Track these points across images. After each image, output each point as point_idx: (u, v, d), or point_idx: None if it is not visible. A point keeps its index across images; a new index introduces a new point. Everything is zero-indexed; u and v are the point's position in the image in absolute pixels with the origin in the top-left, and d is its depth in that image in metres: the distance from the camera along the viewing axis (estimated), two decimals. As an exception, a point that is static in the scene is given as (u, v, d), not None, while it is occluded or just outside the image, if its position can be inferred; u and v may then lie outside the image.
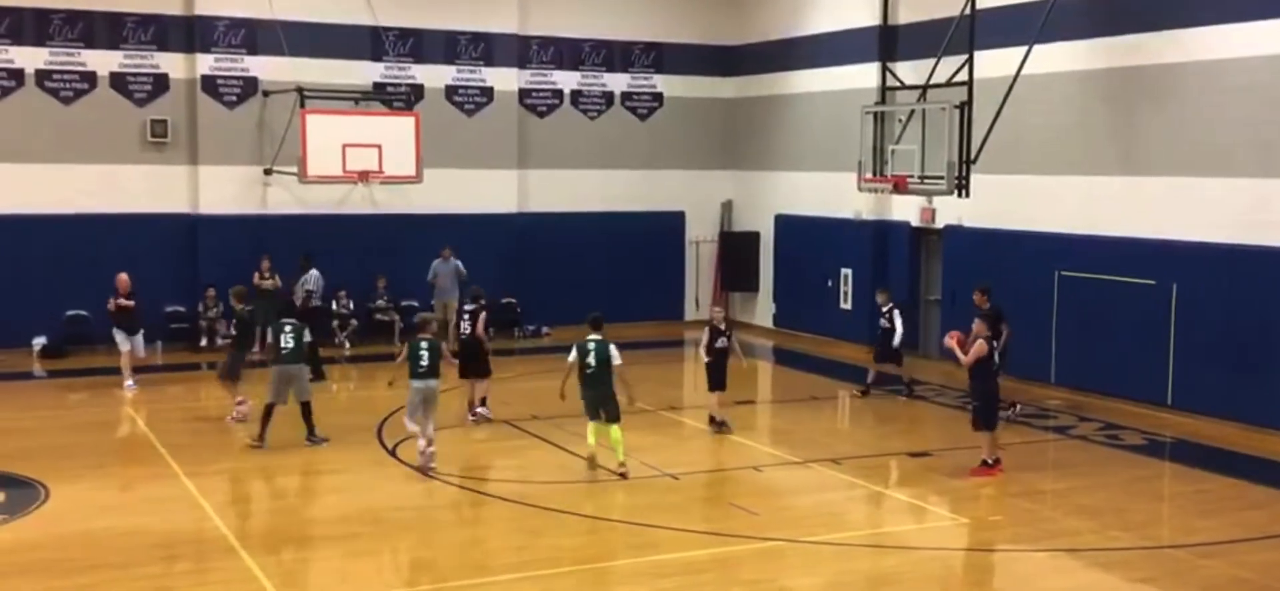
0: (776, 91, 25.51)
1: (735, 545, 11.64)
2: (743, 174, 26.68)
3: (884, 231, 22.96)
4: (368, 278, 23.25)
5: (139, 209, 21.93)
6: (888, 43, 22.33)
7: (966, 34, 18.24)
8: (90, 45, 21.67)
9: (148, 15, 21.98)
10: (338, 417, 17.10)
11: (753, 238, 26.31)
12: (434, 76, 24.11)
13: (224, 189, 22.40)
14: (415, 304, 23.36)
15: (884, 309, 18.92)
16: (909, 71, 20.91)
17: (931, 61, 18.87)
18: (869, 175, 19.53)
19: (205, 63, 22.27)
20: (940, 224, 21.67)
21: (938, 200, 20.64)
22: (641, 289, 25.80)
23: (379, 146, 20.84)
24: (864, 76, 22.62)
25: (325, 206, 22.74)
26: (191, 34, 22.24)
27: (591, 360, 13.94)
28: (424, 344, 14.19)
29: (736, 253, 26.53)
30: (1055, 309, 19.19)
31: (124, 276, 18.66)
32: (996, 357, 14.21)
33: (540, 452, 15.17)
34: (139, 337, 18.68)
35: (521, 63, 24.91)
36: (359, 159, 20.65)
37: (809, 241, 24.54)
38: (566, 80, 25.50)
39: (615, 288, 25.46)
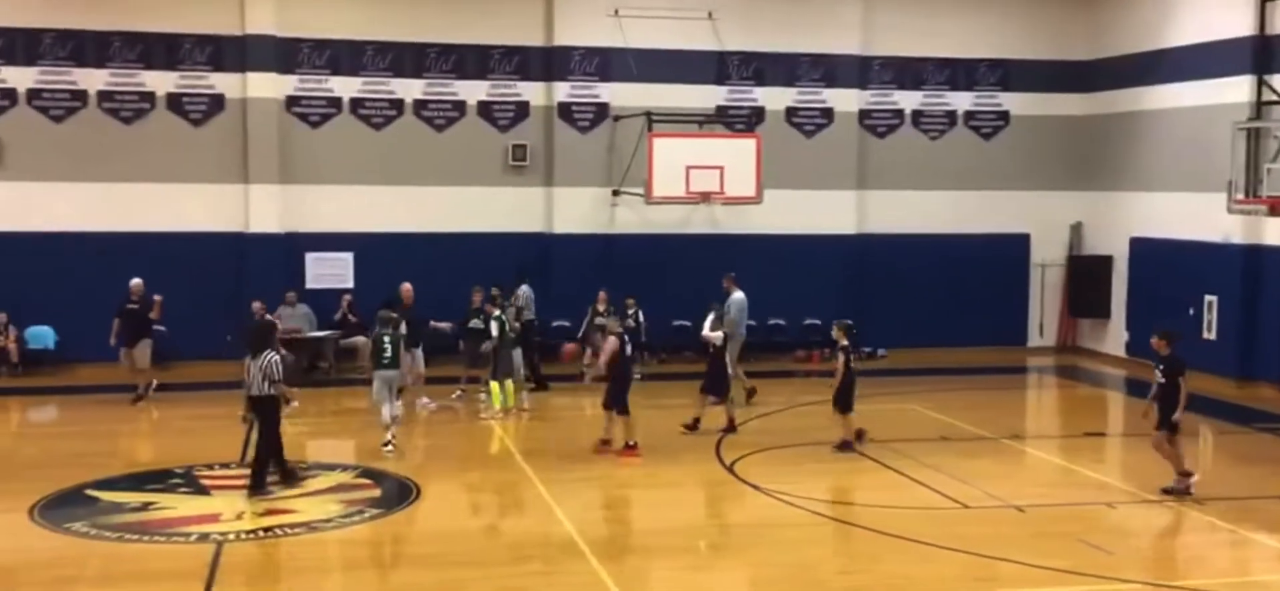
0: (1133, 107, 24.13)
1: (1084, 584, 11.10)
2: (1094, 195, 25.40)
3: (1257, 256, 21.23)
4: (705, 297, 23.66)
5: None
6: (1263, 53, 20.66)
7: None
8: (336, 72, 22.83)
9: (512, 47, 23.39)
10: (676, 437, 17.46)
11: (1104, 261, 24.99)
12: (775, 99, 24.41)
13: (577, 209, 23.47)
14: (752, 323, 23.67)
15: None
16: (1288, 84, 19.31)
17: (1314, 73, 17.36)
18: (1240, 196, 18.17)
19: (562, 90, 23.47)
20: (1322, 249, 19.83)
21: (1320, 224, 18.92)
22: (982, 313, 25.03)
23: (721, 168, 21.31)
24: (1235, 90, 21.03)
25: (669, 227, 23.35)
26: (550, 63, 23.50)
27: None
28: (387, 336, 15.87)
29: (1086, 277, 25.27)
30: None
31: (138, 282, 19.09)
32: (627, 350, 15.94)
33: (878, 476, 15.02)
34: (143, 347, 18.98)
35: (862, 83, 24.79)
36: (702, 180, 21.19)
37: (1168, 266, 23.03)
38: (908, 100, 25.16)
39: (954, 311, 24.88)
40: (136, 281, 19.15)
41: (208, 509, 13.21)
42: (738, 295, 19.76)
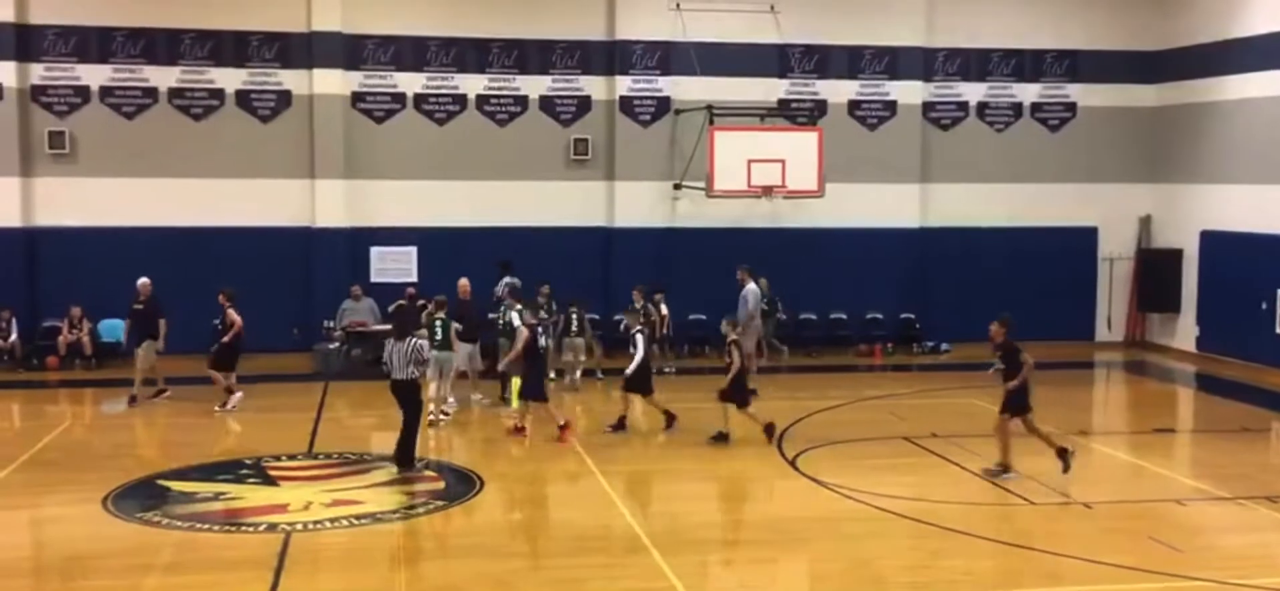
0: (1207, 98, 23.68)
1: (1153, 582, 10.93)
2: (1164, 187, 24.97)
3: (1332, 250, 20.80)
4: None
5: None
6: (1340, 41, 20.23)
7: None
8: (400, 68, 23.24)
9: (573, 41, 23.53)
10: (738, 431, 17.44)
11: (1174, 255, 24.56)
12: (837, 91, 24.25)
13: (638, 203, 23.51)
14: (813, 317, 23.66)
15: (633, 330, 17.10)
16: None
17: (1394, 61, 16.91)
18: (1316, 188, 17.77)
19: (624, 84, 23.53)
20: (1402, 242, 19.34)
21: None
22: (1049, 307, 24.61)
23: (783, 162, 21.22)
24: (1312, 79, 20.63)
25: (730, 220, 23.26)
26: (612, 57, 23.58)
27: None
28: (438, 320, 17.19)
29: (1155, 271, 24.87)
30: None
31: (145, 281, 18.94)
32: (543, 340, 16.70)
33: (940, 471, 14.91)
34: (146, 347, 18.62)
35: (926, 75, 24.57)
36: (763, 174, 21.12)
37: (1241, 259, 22.60)
38: (973, 92, 24.89)
39: (1020, 305, 24.04)
40: (144, 281, 19.07)
41: (276, 499, 13.42)
42: (751, 286, 19.83)
